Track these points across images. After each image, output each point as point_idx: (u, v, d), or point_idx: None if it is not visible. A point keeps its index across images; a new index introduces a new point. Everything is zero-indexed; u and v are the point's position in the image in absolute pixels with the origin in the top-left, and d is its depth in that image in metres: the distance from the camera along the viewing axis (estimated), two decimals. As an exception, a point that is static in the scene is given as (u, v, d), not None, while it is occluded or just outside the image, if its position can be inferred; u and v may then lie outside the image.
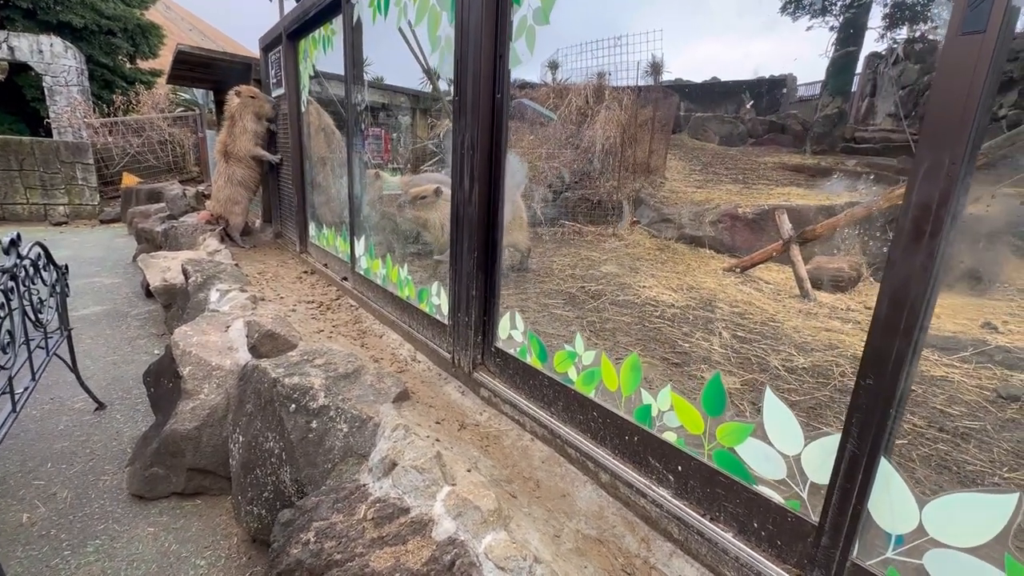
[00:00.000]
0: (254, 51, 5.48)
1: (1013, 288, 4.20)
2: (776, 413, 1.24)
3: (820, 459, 1.15)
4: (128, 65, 16.50)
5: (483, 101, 1.99)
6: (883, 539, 1.04)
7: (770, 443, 1.26)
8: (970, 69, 0.84)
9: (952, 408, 2.20)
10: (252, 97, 4.22)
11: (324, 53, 3.70)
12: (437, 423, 2.04)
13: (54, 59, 10.61)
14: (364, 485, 1.68)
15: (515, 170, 2.14)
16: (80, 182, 10.44)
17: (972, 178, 0.89)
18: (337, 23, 3.33)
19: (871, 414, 1.01)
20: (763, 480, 1.29)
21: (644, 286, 3.90)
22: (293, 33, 4.09)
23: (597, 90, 8.78)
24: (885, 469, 1.02)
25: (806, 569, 1.16)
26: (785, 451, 1.23)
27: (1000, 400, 2.29)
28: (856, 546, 1.07)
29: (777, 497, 1.25)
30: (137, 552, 2.04)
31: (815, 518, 1.15)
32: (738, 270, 4.31)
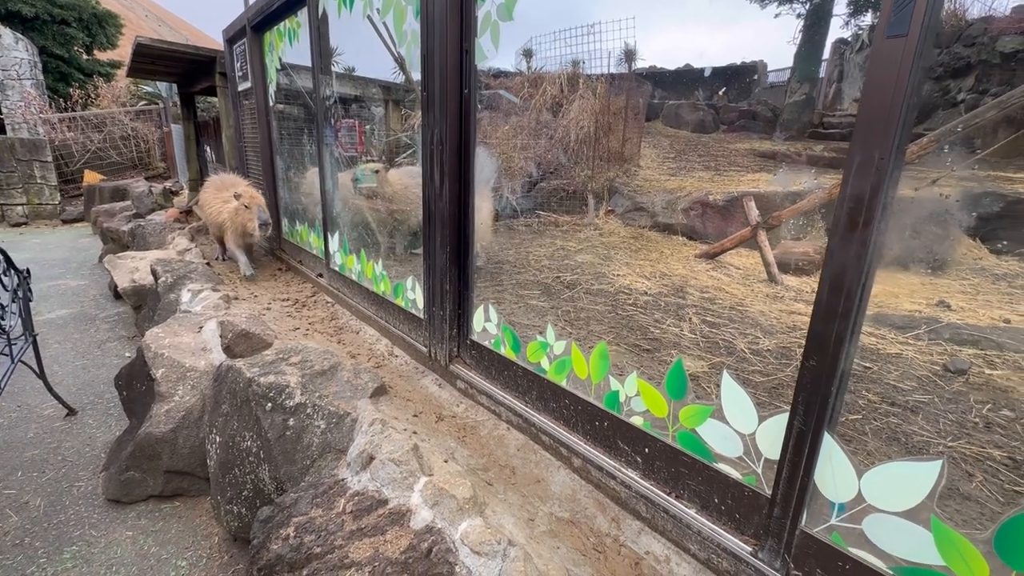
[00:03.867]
0: (220, 40, 5.33)
1: (966, 268, 4.41)
2: (733, 394, 1.31)
3: (772, 436, 1.22)
4: (85, 56, 15.82)
5: (451, 96, 2.01)
6: (828, 508, 1.13)
7: (728, 423, 1.33)
8: (895, 70, 0.90)
9: (904, 383, 2.33)
10: (247, 208, 3.72)
11: (291, 46, 3.63)
12: (415, 416, 2.08)
13: (4, 51, 10.11)
14: (343, 479, 1.71)
15: (484, 164, 2.16)
16: (39, 180, 10.02)
17: (900, 173, 0.95)
18: (302, 15, 3.28)
19: (815, 393, 1.08)
20: (722, 458, 1.36)
21: (618, 274, 3.98)
22: (257, 25, 4.00)
23: (571, 78, 8.80)
24: (828, 443, 1.09)
25: (761, 539, 1.24)
26: (741, 430, 1.30)
27: (948, 374, 2.43)
28: (804, 515, 1.15)
29: (735, 473, 1.33)
30: (116, 556, 2.03)
31: (768, 491, 1.22)
32: (708, 257, 4.42)
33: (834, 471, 1.09)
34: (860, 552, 1.07)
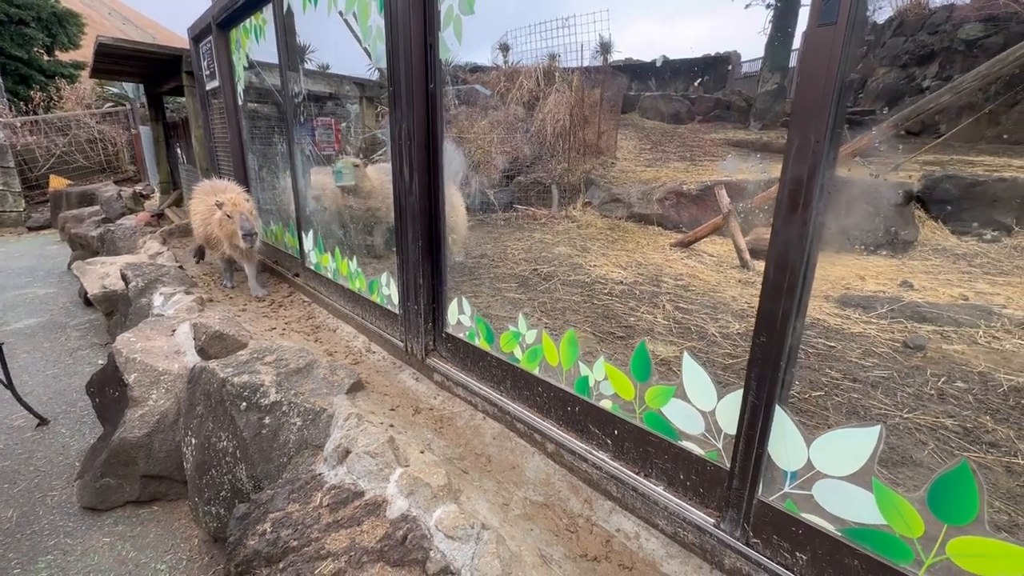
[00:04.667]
0: (186, 38, 5.21)
1: (929, 249, 4.57)
2: (693, 373, 1.36)
3: (730, 412, 1.27)
4: (46, 57, 15.31)
5: (417, 91, 2.02)
6: (781, 476, 1.18)
7: (690, 401, 1.38)
8: (826, 57, 0.94)
9: (866, 360, 2.42)
10: (229, 217, 3.40)
11: (257, 43, 3.58)
12: (392, 410, 2.10)
13: (-42, 53, 9.70)
14: (320, 474, 1.73)
15: (451, 158, 2.18)
16: (1, 187, 9.69)
17: (836, 155, 1.00)
18: (268, 11, 3.23)
19: (766, 368, 1.14)
20: (687, 436, 1.41)
21: (595, 265, 4.03)
22: (223, 22, 3.93)
23: (547, 72, 8.81)
24: (780, 415, 1.15)
25: (723, 510, 1.30)
26: (702, 407, 1.35)
27: (907, 350, 2.54)
28: (760, 485, 1.20)
29: (698, 450, 1.38)
30: (93, 563, 2.02)
31: (728, 465, 1.28)
32: (683, 245, 4.50)
33: (786, 441, 1.15)
34: (812, 517, 1.13)
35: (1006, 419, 1.92)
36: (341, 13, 2.61)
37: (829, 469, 1.08)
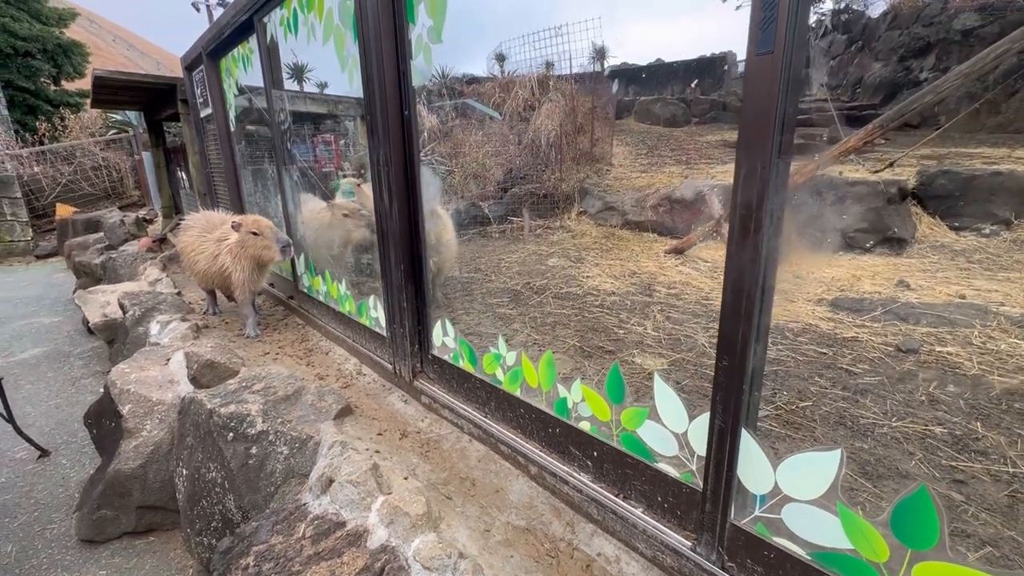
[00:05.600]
0: (179, 70, 5.31)
1: (927, 246, 4.53)
2: (665, 396, 1.36)
3: (701, 434, 1.27)
4: (52, 87, 15.65)
5: (392, 118, 2.04)
6: (752, 500, 1.17)
7: (663, 423, 1.38)
8: (767, 85, 0.95)
9: (857, 366, 2.40)
10: (256, 235, 3.01)
11: (245, 71, 3.65)
12: (379, 434, 2.11)
13: (-35, 89, 9.96)
14: (304, 504, 1.73)
15: (428, 183, 2.20)
16: (9, 218, 9.89)
17: (785, 180, 1.00)
18: (253, 41, 3.29)
19: (730, 391, 1.13)
20: (662, 457, 1.41)
21: (587, 276, 4.03)
22: (212, 52, 4.01)
23: (542, 81, 8.87)
24: (746, 438, 1.14)
25: (699, 533, 1.29)
26: (675, 429, 1.35)
27: (899, 354, 2.51)
28: (732, 509, 1.20)
29: (674, 472, 1.37)
30: (88, 597, 2.03)
31: (702, 487, 1.27)
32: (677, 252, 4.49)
33: (753, 465, 1.14)
34: (782, 541, 1.12)
35: (997, 425, 1.89)
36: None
37: (796, 493, 1.07)
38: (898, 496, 0.93)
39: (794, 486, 1.08)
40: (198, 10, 18.75)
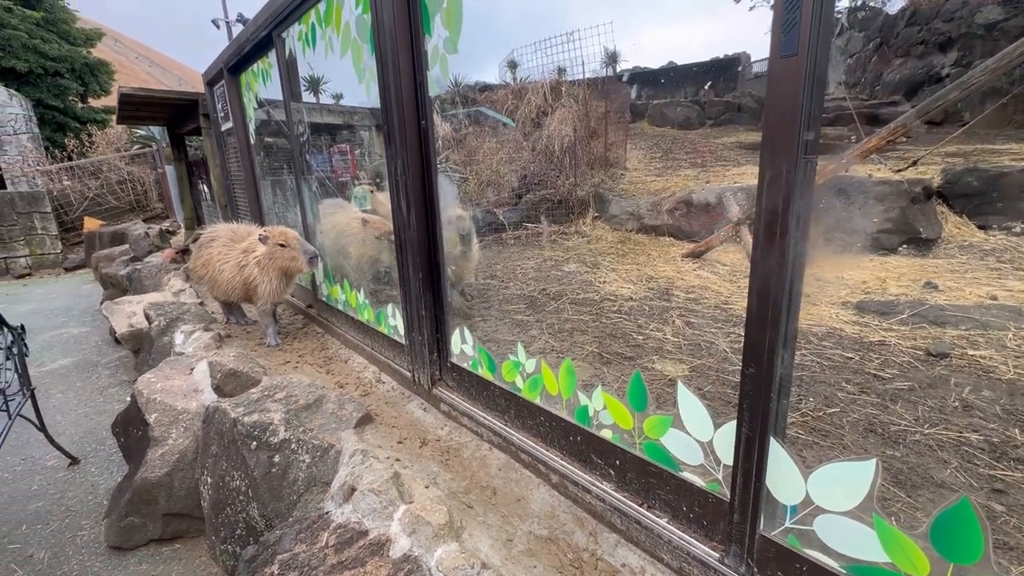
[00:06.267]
0: (201, 85, 5.45)
1: (954, 246, 4.40)
2: (689, 403, 1.33)
3: (727, 443, 1.25)
4: (80, 105, 16.18)
5: (409, 128, 2.06)
6: (782, 511, 1.15)
7: (687, 432, 1.35)
8: (791, 88, 0.93)
9: (885, 371, 2.34)
10: (283, 246, 3.03)
11: (264, 85, 3.73)
12: (399, 443, 2.11)
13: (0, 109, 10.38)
14: (327, 512, 1.74)
15: (446, 191, 2.22)
16: (39, 231, 10.23)
17: (810, 185, 0.99)
18: (272, 56, 3.37)
19: (756, 399, 1.11)
20: (686, 466, 1.38)
21: (604, 281, 4.01)
22: (233, 67, 4.11)
23: (555, 87, 8.88)
24: (775, 447, 1.12)
25: (727, 544, 1.26)
26: (700, 438, 1.33)
27: (930, 358, 2.43)
28: (761, 519, 1.17)
29: (699, 481, 1.35)
30: (117, 603, 2.07)
31: (729, 497, 1.24)
32: (694, 256, 4.44)
33: (782, 474, 1.11)
34: (815, 553, 1.09)
35: (1037, 431, 1.82)
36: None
37: (829, 504, 1.04)
38: (938, 507, 0.89)
39: (827, 496, 1.05)
40: (218, 27, 19.26)
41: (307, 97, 3.76)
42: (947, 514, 0.88)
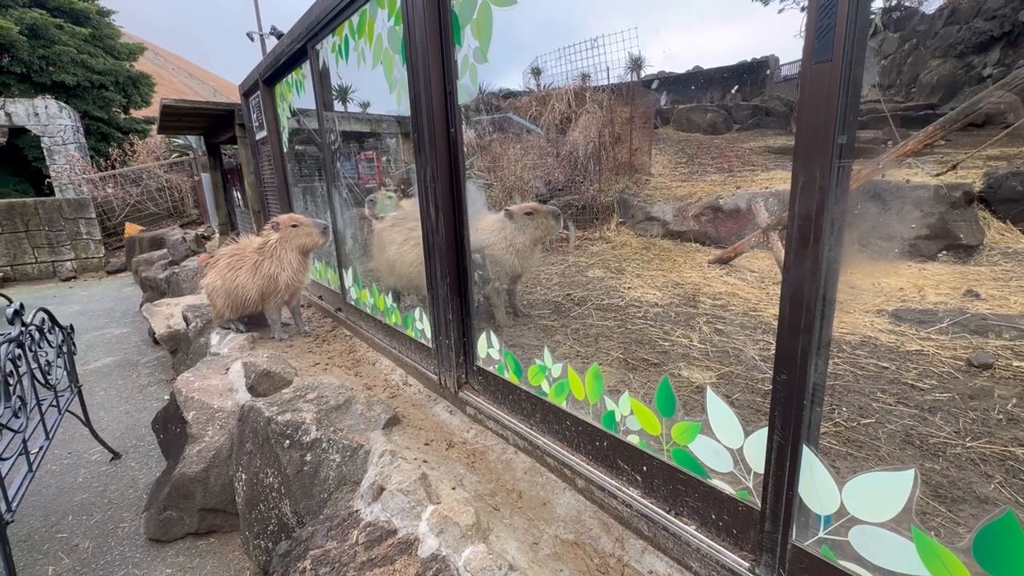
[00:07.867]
0: (236, 96, 5.66)
1: (997, 253, 4.23)
2: (718, 410, 1.32)
3: (758, 450, 1.23)
4: (123, 116, 16.96)
5: (439, 136, 2.11)
6: (815, 521, 1.13)
7: (716, 439, 1.34)
8: (825, 93, 0.93)
9: (923, 382, 2.26)
10: (295, 227, 3.26)
11: (298, 95, 3.85)
12: (426, 444, 2.14)
13: (50, 120, 10.97)
14: (357, 511, 1.79)
15: (474, 198, 2.25)
16: (84, 236, 10.74)
17: (845, 190, 0.98)
18: (306, 67, 3.48)
19: (789, 407, 1.10)
20: (716, 473, 1.37)
21: (629, 287, 3.99)
22: (268, 79, 4.26)
23: (579, 93, 8.90)
24: (808, 456, 1.10)
25: (758, 554, 1.24)
26: (729, 445, 1.31)
27: (971, 369, 2.35)
28: (794, 529, 1.15)
29: (729, 489, 1.33)
30: (156, 593, 2.15)
31: (760, 505, 1.23)
32: (721, 262, 4.38)
33: (816, 484, 1.10)
34: (850, 565, 1.06)
35: (1089, 447, 1.73)
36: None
37: (865, 515, 1.02)
38: (980, 521, 0.87)
39: (863, 507, 1.03)
40: (252, 40, 19.94)
41: (337, 106, 3.87)
42: (991, 527, 0.85)
